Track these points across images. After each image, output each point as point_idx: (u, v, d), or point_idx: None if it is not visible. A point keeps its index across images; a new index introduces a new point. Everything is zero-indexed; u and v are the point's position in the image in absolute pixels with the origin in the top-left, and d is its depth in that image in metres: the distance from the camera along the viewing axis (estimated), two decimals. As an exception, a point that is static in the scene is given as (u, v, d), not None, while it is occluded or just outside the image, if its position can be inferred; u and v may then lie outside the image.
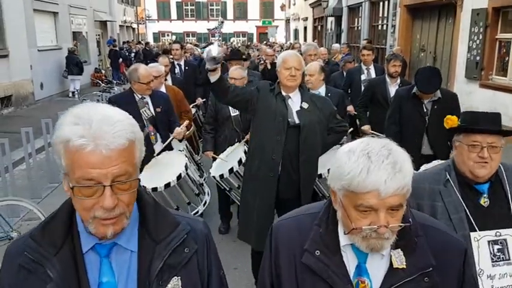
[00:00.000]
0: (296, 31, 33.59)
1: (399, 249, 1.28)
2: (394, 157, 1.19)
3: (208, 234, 1.32)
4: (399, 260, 1.28)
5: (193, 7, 45.91)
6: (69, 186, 1.10)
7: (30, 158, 5.98)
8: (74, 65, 15.14)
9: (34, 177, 6.03)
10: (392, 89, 5.29)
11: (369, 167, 1.17)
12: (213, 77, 3.12)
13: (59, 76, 15.34)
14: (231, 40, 36.95)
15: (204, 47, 13.59)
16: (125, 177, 1.09)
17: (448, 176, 1.91)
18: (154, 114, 4.26)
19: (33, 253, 1.15)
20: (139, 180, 1.15)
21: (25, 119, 10.25)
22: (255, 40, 39.53)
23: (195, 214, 4.03)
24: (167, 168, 3.98)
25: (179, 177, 3.87)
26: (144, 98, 4.28)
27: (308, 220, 1.39)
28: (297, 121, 3.26)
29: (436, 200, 1.89)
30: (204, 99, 6.82)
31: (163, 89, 4.94)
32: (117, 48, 20.63)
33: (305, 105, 3.30)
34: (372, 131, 5.35)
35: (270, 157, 3.24)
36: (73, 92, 15.26)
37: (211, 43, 18.31)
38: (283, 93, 3.30)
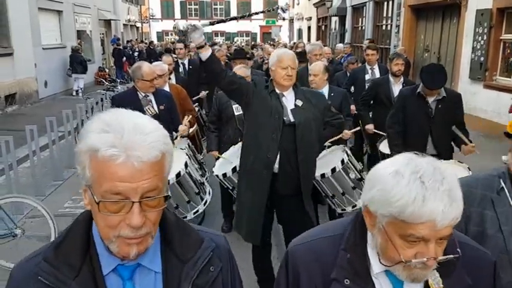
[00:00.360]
0: (300, 31, 33.54)
1: (435, 271, 1.16)
2: (449, 183, 1.07)
3: (230, 250, 1.25)
4: (436, 283, 1.17)
5: (197, 6, 45.93)
6: (92, 200, 0.99)
7: (34, 156, 6.00)
8: (77, 63, 15.22)
9: (38, 174, 6.04)
10: (396, 88, 5.29)
11: (424, 194, 1.04)
12: (204, 55, 3.12)
13: (63, 74, 15.40)
14: (235, 39, 36.98)
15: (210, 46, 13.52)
16: (154, 192, 0.99)
17: (502, 184, 1.72)
18: (157, 112, 4.27)
19: (48, 277, 1.02)
20: (167, 197, 1.05)
21: (29, 117, 10.31)
22: (258, 40, 39.52)
23: (195, 213, 4.06)
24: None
25: (178, 175, 3.87)
26: (148, 96, 4.29)
27: (328, 243, 1.26)
28: (292, 119, 3.23)
29: (487, 208, 1.72)
30: (208, 91, 6.82)
31: (166, 88, 4.96)
32: (121, 47, 20.71)
33: (299, 103, 3.27)
34: (376, 130, 5.36)
35: (265, 155, 3.21)
36: (77, 91, 15.34)
37: (215, 43, 18.17)
38: (277, 91, 3.28)
